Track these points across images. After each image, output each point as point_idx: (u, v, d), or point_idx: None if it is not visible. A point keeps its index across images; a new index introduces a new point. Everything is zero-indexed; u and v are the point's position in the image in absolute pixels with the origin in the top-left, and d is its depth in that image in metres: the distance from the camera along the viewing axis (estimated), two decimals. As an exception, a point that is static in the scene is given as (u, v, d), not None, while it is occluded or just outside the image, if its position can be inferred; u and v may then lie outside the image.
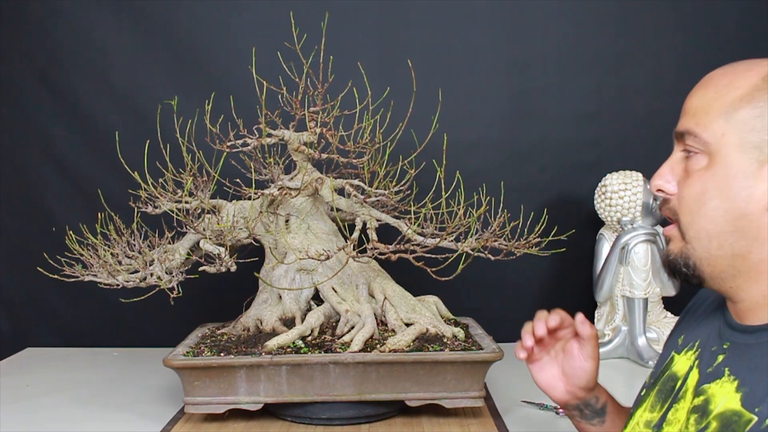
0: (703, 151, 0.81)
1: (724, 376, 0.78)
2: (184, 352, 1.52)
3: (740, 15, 2.19)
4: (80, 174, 2.23)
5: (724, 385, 0.77)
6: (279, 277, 1.65)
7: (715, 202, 0.79)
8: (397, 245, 1.47)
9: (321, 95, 1.63)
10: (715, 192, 0.79)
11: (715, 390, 0.78)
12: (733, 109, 0.79)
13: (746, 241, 0.78)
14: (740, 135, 0.78)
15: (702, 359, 0.85)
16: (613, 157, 2.17)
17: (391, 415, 1.55)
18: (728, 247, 0.79)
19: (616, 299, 2.00)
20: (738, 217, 0.78)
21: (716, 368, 0.80)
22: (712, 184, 0.80)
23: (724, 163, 0.79)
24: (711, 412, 0.77)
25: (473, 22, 2.20)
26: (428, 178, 1.55)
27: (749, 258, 0.79)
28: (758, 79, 0.79)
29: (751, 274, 0.80)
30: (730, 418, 0.74)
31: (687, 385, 0.84)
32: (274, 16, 2.08)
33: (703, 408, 0.79)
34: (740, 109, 0.78)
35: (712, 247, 0.81)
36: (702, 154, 0.81)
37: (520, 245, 1.55)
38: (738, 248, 0.79)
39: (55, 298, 2.24)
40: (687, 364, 0.87)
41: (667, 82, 2.20)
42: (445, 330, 1.58)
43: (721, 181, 0.79)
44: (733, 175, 0.78)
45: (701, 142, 0.81)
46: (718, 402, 0.76)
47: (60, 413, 1.63)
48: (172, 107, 1.62)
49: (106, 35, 2.19)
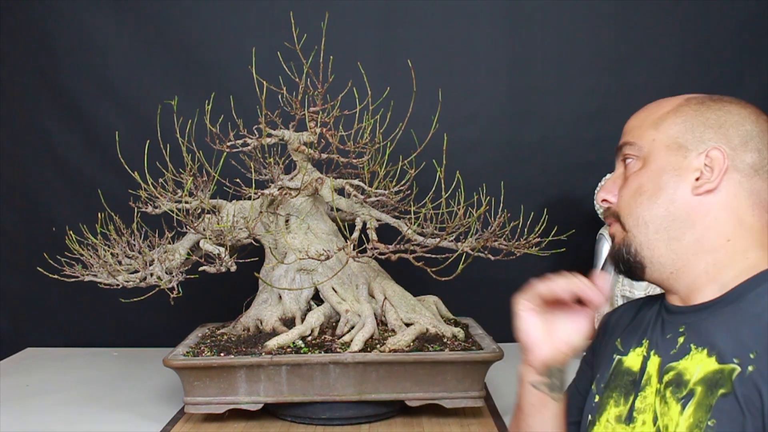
0: (638, 156, 0.95)
1: (692, 351, 0.87)
2: (184, 352, 1.52)
3: (740, 15, 2.19)
4: (80, 174, 2.23)
5: (694, 357, 0.86)
6: (279, 277, 1.65)
7: (648, 192, 0.92)
8: (397, 245, 1.47)
9: (321, 95, 1.63)
10: (649, 184, 0.92)
11: (685, 364, 0.87)
12: (661, 120, 0.94)
13: (679, 224, 0.90)
14: (667, 137, 0.92)
15: (658, 347, 0.93)
16: (613, 157, 2.16)
17: (391, 415, 1.55)
18: (663, 231, 0.91)
19: (616, 299, 2.00)
20: (669, 203, 0.90)
21: (681, 348, 0.89)
22: (646, 178, 0.93)
23: (656, 161, 0.93)
24: (689, 381, 0.85)
25: (473, 21, 2.20)
26: (428, 178, 1.55)
27: (684, 239, 0.90)
28: (681, 101, 0.95)
29: (689, 255, 0.90)
30: (713, 378, 0.82)
31: (648, 372, 0.92)
32: (274, 16, 2.08)
33: (676, 381, 0.87)
34: (667, 119, 0.93)
35: (649, 232, 0.92)
36: (638, 159, 0.95)
37: (520, 245, 1.55)
38: (673, 231, 0.90)
39: (55, 298, 2.24)
40: (639, 359, 0.95)
41: (667, 82, 2.20)
42: (445, 330, 1.58)
43: (654, 174, 0.92)
44: (663, 168, 0.92)
45: (636, 148, 0.95)
46: (693, 371, 0.85)
47: (60, 413, 1.63)
48: (172, 107, 1.62)
49: (106, 35, 2.19)
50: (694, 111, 0.93)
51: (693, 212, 0.90)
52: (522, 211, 1.57)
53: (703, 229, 0.89)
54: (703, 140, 0.90)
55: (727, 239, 0.89)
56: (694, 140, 0.91)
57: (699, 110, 0.93)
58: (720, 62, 2.19)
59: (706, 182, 0.89)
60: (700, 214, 0.89)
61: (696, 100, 0.94)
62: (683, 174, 0.90)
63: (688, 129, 0.92)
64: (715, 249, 0.89)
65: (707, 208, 0.89)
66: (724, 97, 0.95)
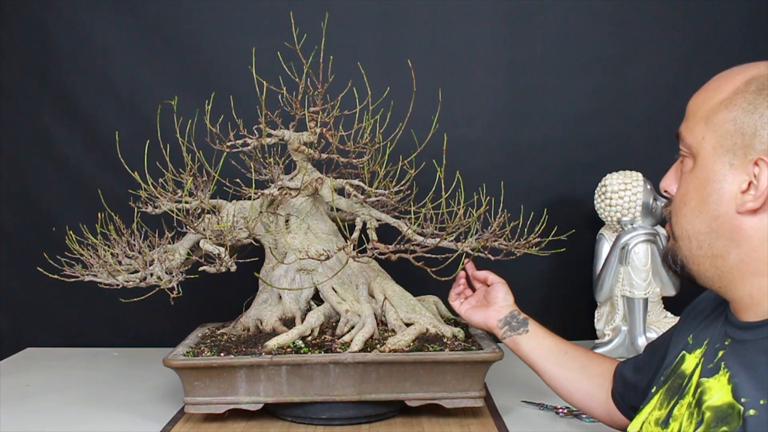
0: (689, 154, 0.85)
1: (721, 370, 0.80)
2: (184, 352, 1.52)
3: (741, 15, 2.19)
4: (80, 174, 2.23)
5: (720, 379, 0.79)
6: (279, 277, 1.65)
7: (693, 203, 0.83)
8: (397, 245, 1.47)
9: (321, 95, 1.63)
10: (694, 194, 0.83)
11: (712, 383, 0.80)
12: (713, 112, 0.81)
13: (723, 242, 0.81)
14: (716, 138, 0.81)
15: (706, 356, 0.87)
16: (613, 157, 2.17)
17: (391, 415, 1.56)
18: (707, 248, 0.83)
19: (616, 299, 2.00)
20: (712, 219, 0.81)
21: (716, 363, 0.82)
22: (693, 186, 0.83)
23: (703, 166, 0.82)
24: (704, 402, 0.79)
25: (473, 21, 2.20)
26: (428, 178, 1.55)
27: (728, 259, 0.81)
28: (741, 83, 0.81)
29: (734, 275, 0.82)
30: (724, 410, 0.76)
31: (692, 382, 0.86)
32: (274, 16, 2.08)
33: (698, 400, 0.81)
34: (718, 112, 0.81)
35: (693, 247, 0.84)
36: (689, 157, 0.85)
37: (520, 245, 1.55)
38: (716, 249, 0.82)
39: (55, 298, 2.24)
40: (694, 362, 0.89)
41: (667, 82, 2.20)
42: (445, 330, 1.58)
43: (699, 183, 0.82)
44: (708, 177, 0.81)
45: (686, 145, 0.85)
46: (714, 394, 0.78)
47: (60, 413, 1.63)
48: (172, 107, 1.62)
49: (106, 35, 2.19)
50: (748, 103, 0.79)
51: (736, 232, 0.80)
52: (522, 212, 1.56)
53: (748, 249, 0.80)
54: (753, 145, 0.78)
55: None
56: (744, 144, 0.78)
57: (755, 102, 0.78)
58: (720, 62, 2.17)
59: (750, 200, 0.78)
60: (745, 234, 0.80)
61: (756, 84, 0.79)
62: (728, 186, 0.79)
63: (738, 128, 0.79)
64: (761, 273, 0.79)
65: (751, 232, 0.79)
66: None
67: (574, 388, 1.28)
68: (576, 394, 1.28)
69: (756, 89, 0.79)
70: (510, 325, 1.37)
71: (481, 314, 1.43)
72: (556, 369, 1.29)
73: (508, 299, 1.41)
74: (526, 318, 1.37)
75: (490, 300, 1.43)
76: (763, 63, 0.83)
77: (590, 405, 1.26)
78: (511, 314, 1.38)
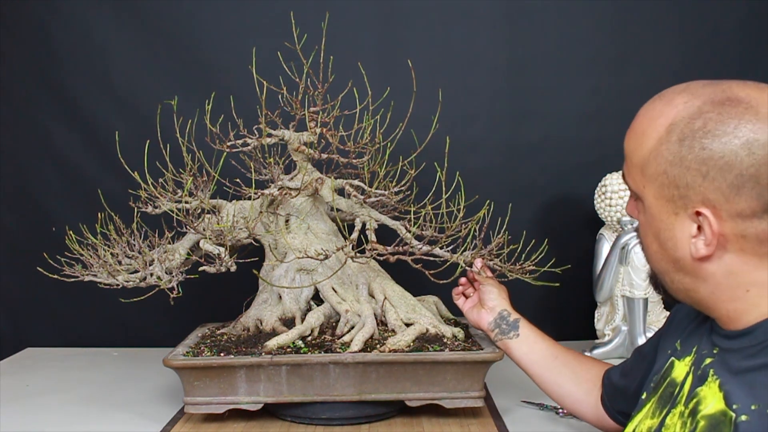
0: (636, 198, 0.87)
1: (709, 378, 0.81)
2: (184, 352, 1.52)
3: (740, 15, 2.19)
4: (80, 174, 2.23)
5: (711, 386, 0.80)
6: (279, 277, 1.65)
7: (654, 247, 0.86)
8: (396, 247, 1.47)
9: (321, 95, 1.63)
10: (653, 239, 0.85)
11: (705, 392, 0.81)
12: (646, 163, 0.83)
13: (690, 279, 0.84)
14: (655, 189, 0.82)
15: (695, 364, 0.88)
16: (613, 157, 2.14)
17: (391, 415, 1.56)
18: (678, 283, 0.85)
19: (616, 299, 2.00)
20: (674, 261, 0.84)
21: (704, 370, 0.84)
22: (648, 229, 0.86)
23: (651, 214, 0.84)
24: (699, 412, 0.80)
25: (473, 21, 2.20)
26: (428, 179, 1.55)
27: (699, 291, 0.84)
28: (663, 130, 0.81)
29: (709, 303, 0.84)
30: (718, 418, 0.77)
31: (684, 390, 0.87)
32: (274, 16, 2.08)
33: (693, 410, 0.81)
34: (650, 164, 0.82)
35: (666, 281, 0.87)
36: (639, 200, 0.87)
37: (515, 269, 1.53)
38: (686, 284, 0.84)
39: (55, 298, 2.24)
40: (685, 370, 0.90)
41: (667, 83, 2.13)
42: (445, 330, 1.58)
43: (652, 228, 0.85)
44: (658, 225, 0.83)
45: (632, 190, 0.87)
46: (708, 403, 0.79)
47: (60, 413, 1.63)
48: (172, 107, 1.62)
49: (106, 35, 2.19)
50: (673, 156, 0.79)
51: (699, 271, 0.82)
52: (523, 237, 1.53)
53: (714, 284, 0.81)
54: (688, 196, 0.78)
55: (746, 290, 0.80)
56: (681, 196, 0.79)
57: (679, 155, 0.78)
58: (720, 62, 2.19)
59: (700, 249, 0.79)
60: (707, 272, 0.81)
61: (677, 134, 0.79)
62: (679, 233, 0.81)
63: (672, 181, 0.79)
64: (734, 300, 0.81)
65: (712, 272, 0.81)
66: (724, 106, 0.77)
67: (564, 393, 1.30)
68: (566, 398, 1.30)
69: (678, 139, 0.79)
70: (500, 328, 1.39)
71: (475, 315, 1.47)
72: (546, 374, 1.31)
73: (500, 300, 1.43)
74: (517, 320, 1.38)
75: (482, 301, 1.46)
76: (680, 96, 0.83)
77: (580, 409, 1.28)
78: (500, 316, 1.40)
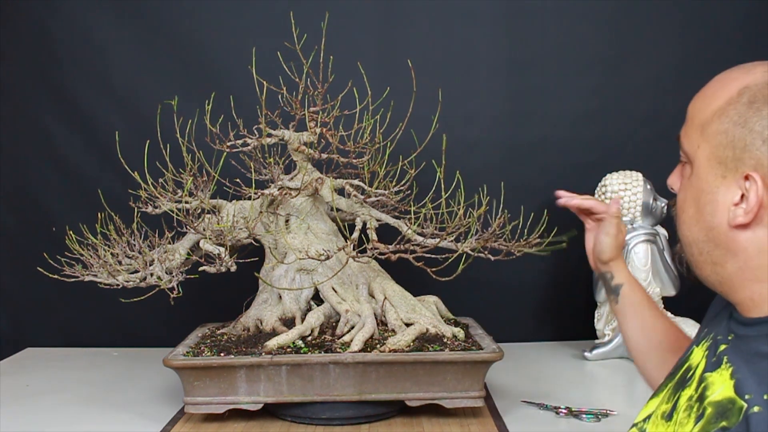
0: (688, 160, 0.85)
1: (723, 365, 0.80)
2: (184, 352, 1.52)
3: (740, 15, 2.19)
4: (80, 174, 2.23)
5: (722, 373, 0.79)
6: (279, 277, 1.65)
7: (690, 212, 0.83)
8: (397, 245, 1.47)
9: (321, 95, 1.63)
10: (692, 202, 0.83)
11: (714, 378, 0.80)
12: (708, 122, 0.81)
13: (720, 251, 0.81)
14: (710, 149, 0.80)
15: (710, 349, 0.87)
16: (613, 157, 2.17)
17: (391, 415, 1.56)
18: (706, 254, 0.83)
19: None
20: (708, 229, 0.81)
21: (718, 356, 0.82)
22: (690, 194, 0.83)
23: (698, 176, 0.82)
24: (707, 398, 0.78)
25: (473, 22, 2.20)
26: (428, 178, 1.55)
27: (727, 267, 0.81)
28: (735, 92, 0.79)
29: (734, 282, 0.82)
30: (725, 405, 0.75)
31: (695, 374, 0.86)
32: (274, 16, 2.07)
33: (701, 395, 0.80)
34: (712, 123, 0.80)
35: (694, 252, 0.85)
36: (688, 164, 0.85)
37: (520, 245, 1.55)
38: (715, 257, 0.82)
39: (55, 298, 2.24)
40: (700, 355, 0.89)
41: (667, 83, 2.20)
42: (445, 330, 1.58)
43: (696, 192, 0.82)
44: (702, 187, 0.81)
45: (684, 152, 0.85)
46: (716, 389, 0.78)
47: (60, 413, 1.63)
48: (172, 107, 1.62)
49: (106, 35, 2.19)
50: (739, 116, 0.77)
51: (732, 243, 0.79)
52: (522, 212, 1.56)
53: (745, 259, 0.79)
54: (743, 159, 0.76)
55: None
56: (735, 158, 0.77)
57: (745, 115, 0.77)
58: (720, 62, 2.18)
59: (741, 215, 0.77)
60: (740, 245, 0.79)
61: (748, 95, 0.77)
62: (721, 198, 0.79)
63: (730, 141, 0.77)
64: (759, 280, 0.79)
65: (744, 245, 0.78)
66: None
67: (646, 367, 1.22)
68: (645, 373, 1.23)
69: (748, 101, 0.77)
70: (606, 284, 1.26)
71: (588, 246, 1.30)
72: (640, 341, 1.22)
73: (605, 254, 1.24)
74: (619, 285, 1.23)
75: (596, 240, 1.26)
76: (761, 66, 0.82)
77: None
78: (602, 275, 1.26)
